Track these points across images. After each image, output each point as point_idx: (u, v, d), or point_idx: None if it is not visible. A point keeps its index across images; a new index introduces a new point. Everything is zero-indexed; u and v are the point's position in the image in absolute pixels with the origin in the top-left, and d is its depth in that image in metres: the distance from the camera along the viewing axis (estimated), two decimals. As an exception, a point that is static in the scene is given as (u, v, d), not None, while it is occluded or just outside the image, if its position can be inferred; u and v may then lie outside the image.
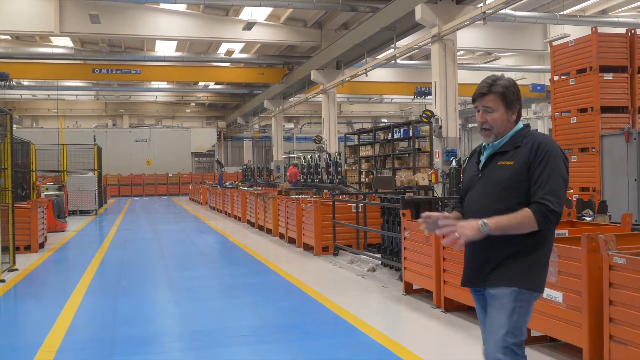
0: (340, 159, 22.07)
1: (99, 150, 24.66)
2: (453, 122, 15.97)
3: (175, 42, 27.94)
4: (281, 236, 13.30)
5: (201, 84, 36.37)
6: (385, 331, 5.76)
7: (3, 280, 8.84)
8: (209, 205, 25.89)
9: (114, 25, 22.63)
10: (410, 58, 28.43)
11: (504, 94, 2.96)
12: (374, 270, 8.91)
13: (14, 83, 29.58)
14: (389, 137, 18.37)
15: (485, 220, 2.82)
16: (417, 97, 30.71)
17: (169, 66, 29.47)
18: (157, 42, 27.85)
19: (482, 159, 3.08)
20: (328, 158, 22.00)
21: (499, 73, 3.17)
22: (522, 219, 2.82)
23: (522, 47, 26.39)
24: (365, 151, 20.78)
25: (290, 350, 5.30)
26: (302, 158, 25.81)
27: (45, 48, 26.77)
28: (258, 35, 24.56)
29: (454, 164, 13.63)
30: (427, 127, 16.44)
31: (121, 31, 23.04)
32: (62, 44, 27.93)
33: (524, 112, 39.67)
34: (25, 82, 32.34)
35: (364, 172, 20.29)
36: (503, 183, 2.92)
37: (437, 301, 6.50)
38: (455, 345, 5.39)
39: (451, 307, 6.34)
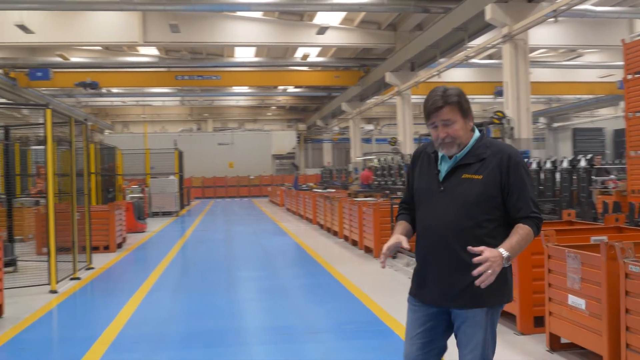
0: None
1: (180, 154, 25.68)
2: (525, 123, 15.63)
3: (253, 48, 28.68)
4: (346, 238, 13.49)
5: (280, 87, 37.09)
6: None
7: (78, 278, 9.49)
8: (285, 207, 26.42)
9: (194, 33, 23.53)
10: (489, 57, 27.95)
11: (459, 103, 2.82)
12: (427, 274, 8.93)
13: (104, 91, 31.33)
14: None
15: (505, 253, 2.67)
16: (497, 96, 30.17)
17: (248, 71, 30.32)
18: (236, 48, 28.68)
19: (442, 170, 2.92)
20: (401, 160, 21.97)
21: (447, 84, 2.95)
22: (527, 238, 2.78)
23: (606, 43, 25.34)
24: (439, 153, 20.63)
25: (320, 350, 5.49)
26: (376, 160, 25.87)
27: (132, 57, 28.19)
28: (333, 38, 24.87)
29: (534, 165, 13.36)
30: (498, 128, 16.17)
31: (200, 39, 23.93)
32: (148, 52, 29.29)
33: (612, 110, 37.88)
34: (115, 90, 34.05)
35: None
36: (472, 199, 2.80)
37: (478, 306, 6.49)
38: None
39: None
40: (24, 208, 15.34)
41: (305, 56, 27.24)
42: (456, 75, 31.00)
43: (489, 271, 2.60)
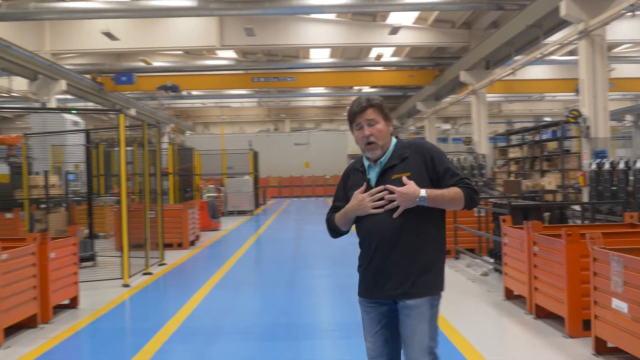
0: (485, 161, 21.65)
1: (255, 154, 26.30)
2: (603, 121, 15.12)
3: (328, 49, 28.99)
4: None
5: (355, 88, 37.25)
6: (465, 333, 5.89)
7: (150, 273, 10.02)
8: (358, 207, 26.52)
9: (269, 36, 24.07)
10: (570, 53, 27.09)
11: (381, 106, 3.12)
12: (487, 275, 8.90)
13: (184, 93, 32.47)
14: (537, 138, 17.82)
15: (423, 192, 2.95)
16: (578, 94, 29.16)
17: (322, 72, 30.64)
18: (311, 49, 29.06)
19: (372, 177, 3.14)
20: (474, 160, 21.68)
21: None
22: (454, 194, 3.00)
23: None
24: (514, 153, 20.27)
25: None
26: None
27: (210, 60, 29.07)
28: (406, 38, 24.81)
29: (593, 166, 12.99)
30: (577, 127, 15.74)
31: (275, 42, 24.45)
32: (226, 55, 30.12)
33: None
34: (195, 92, 35.18)
35: (513, 175, 19.79)
36: None
37: (530, 307, 6.47)
38: (521, 347, 5.42)
39: (542, 314, 6.28)
40: (106, 206, 16.24)
41: (379, 56, 27.28)
42: (534, 73, 30.25)
43: (400, 200, 2.95)
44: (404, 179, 2.99)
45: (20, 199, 12.33)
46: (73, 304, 7.50)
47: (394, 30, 22.69)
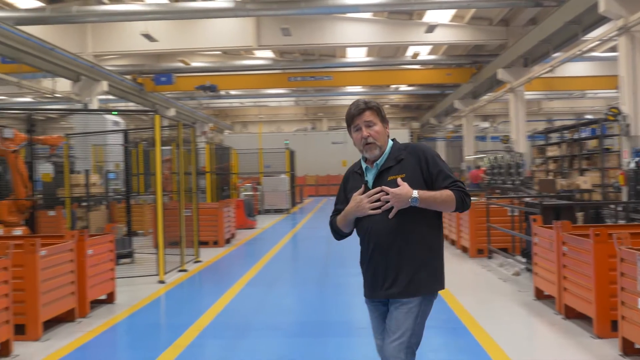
0: (523, 159, 21.38)
1: (292, 153, 26.48)
2: (644, 119, 14.83)
3: (365, 48, 29.00)
4: (445, 237, 13.48)
5: (393, 86, 37.17)
6: (492, 332, 5.90)
7: (185, 270, 10.25)
8: (394, 206, 26.49)
9: (305, 36, 24.24)
10: (611, 50, 26.55)
11: (378, 109, 3.24)
12: (519, 275, 8.85)
13: (222, 93, 32.87)
14: (576, 136, 17.55)
15: (415, 193, 3.03)
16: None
17: (359, 71, 30.67)
18: (348, 48, 29.11)
19: (369, 179, 3.24)
20: (510, 159, 21.44)
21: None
22: (446, 197, 3.07)
23: None
24: (552, 151, 19.97)
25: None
26: (485, 159, 25.34)
27: (248, 60, 29.39)
28: (443, 36, 24.67)
29: (632, 165, 12.75)
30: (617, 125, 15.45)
31: (311, 41, 24.62)
32: (264, 55, 30.40)
33: None
34: (233, 92, 35.58)
35: (551, 173, 19.51)
36: None
37: (559, 307, 6.44)
38: (547, 347, 5.40)
39: (572, 314, 6.24)
40: (145, 205, 16.60)
41: (415, 55, 27.19)
42: (574, 70, 29.75)
43: (393, 201, 3.03)
44: (399, 180, 3.07)
45: (63, 197, 12.72)
46: (110, 299, 7.73)
47: (430, 28, 22.59)
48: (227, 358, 5.55)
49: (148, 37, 22.00)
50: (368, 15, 24.46)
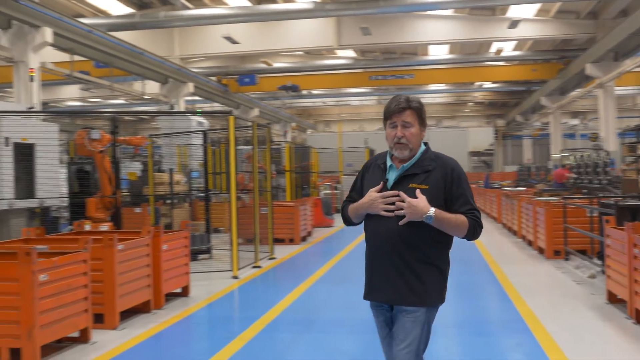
0: (611, 157, 20.50)
1: (372, 152, 26.50)
2: None
3: (447, 45, 28.62)
4: (523, 238, 13.21)
5: (476, 83, 36.48)
6: (555, 335, 5.79)
7: (259, 266, 10.55)
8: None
9: (385, 34, 24.22)
10: None
11: (419, 110, 3.13)
12: (594, 277, 8.58)
13: (304, 92, 33.32)
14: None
15: (432, 210, 2.97)
16: None
17: (441, 69, 30.33)
18: (430, 46, 28.82)
19: (390, 178, 3.15)
20: (597, 157, 20.61)
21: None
22: (460, 223, 3.03)
23: None
24: (644, 149, 19.04)
25: (443, 344, 5.73)
26: (572, 157, 24.43)
27: (329, 60, 29.65)
28: (527, 31, 24.02)
29: None
30: None
31: (392, 40, 24.57)
32: (345, 55, 30.57)
33: None
34: (315, 92, 35.98)
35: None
36: None
37: (630, 312, 6.23)
38: (610, 352, 5.26)
39: (643, 319, 6.04)
40: (226, 202, 17.12)
41: (499, 51, 26.60)
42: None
43: (407, 211, 2.96)
44: (418, 191, 3.01)
45: (147, 195, 13.36)
46: (184, 292, 8.10)
47: (514, 23, 22.04)
48: (288, 351, 5.73)
49: (230, 39, 22.62)
50: (449, 12, 24.14)
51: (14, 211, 10.25)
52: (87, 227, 9.20)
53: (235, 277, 9.43)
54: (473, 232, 3.08)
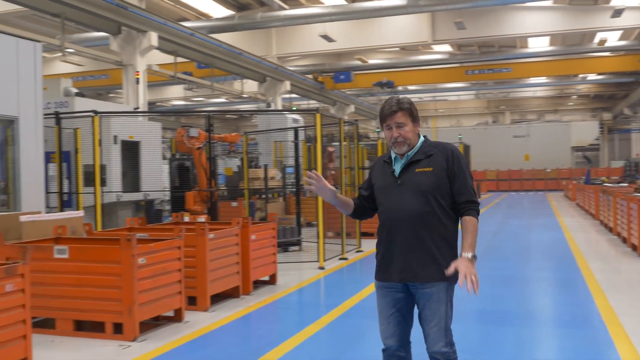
0: None
1: (466, 147, 26.28)
2: None
3: (547, 37, 27.83)
4: (618, 235, 12.84)
5: (580, 75, 35.15)
6: (632, 334, 5.77)
7: (346, 258, 10.95)
8: (576, 202, 25.25)
9: (480, 28, 23.93)
10: None
11: (410, 110, 3.41)
12: (685, 276, 8.34)
13: (400, 88, 33.37)
14: None
15: (468, 254, 3.25)
16: None
17: (541, 61, 29.52)
18: (529, 38, 28.12)
19: (397, 168, 3.44)
20: None
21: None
22: (474, 228, 3.34)
23: None
24: None
25: (517, 333, 5.88)
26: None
27: (424, 56, 29.60)
28: (632, 20, 22.95)
29: None
30: None
31: (488, 33, 24.24)
32: (441, 49, 30.38)
33: None
34: (411, 87, 35.95)
35: None
36: (427, 187, 3.34)
37: None
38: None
39: None
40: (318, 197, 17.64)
41: (602, 41, 25.57)
42: None
43: (472, 277, 3.18)
44: (452, 268, 3.27)
45: (243, 189, 14.08)
46: (272, 280, 8.62)
47: (617, 12, 21.20)
48: (360, 336, 6.06)
49: (326, 37, 23.15)
50: (549, 2, 23.52)
51: (121, 203, 11.20)
52: (186, 218, 9.92)
53: (322, 268, 9.86)
54: (477, 214, 3.41)
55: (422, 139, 3.53)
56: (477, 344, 5.66)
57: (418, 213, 3.35)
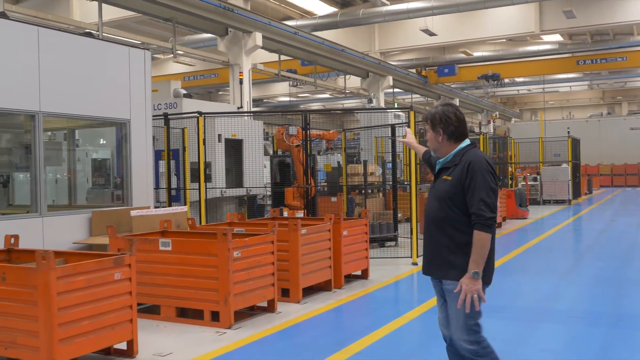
0: None
1: (575, 141, 25.29)
2: None
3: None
4: None
5: None
6: None
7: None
8: (698, 199, 23.71)
9: (593, 16, 22.89)
10: None
11: (430, 121, 3.74)
12: None
13: (506, 81, 32.52)
14: None
15: (470, 271, 3.43)
16: None
17: (659, 50, 27.82)
18: (646, 26, 26.60)
19: (437, 167, 3.80)
20: None
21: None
22: (480, 242, 3.44)
23: None
24: None
25: (607, 336, 5.82)
26: None
27: (531, 46, 28.65)
28: None
29: None
30: None
31: (599, 21, 23.15)
32: (551, 39, 29.32)
33: None
34: (519, 79, 34.92)
35: None
36: (443, 194, 3.60)
37: None
38: None
39: None
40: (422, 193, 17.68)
41: None
42: None
43: (467, 295, 3.40)
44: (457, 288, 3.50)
45: (342, 185, 14.42)
46: (364, 275, 8.88)
47: None
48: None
49: (427, 32, 23.03)
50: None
51: (225, 198, 11.85)
52: (285, 213, 10.38)
53: (415, 264, 10.00)
54: (486, 228, 3.44)
55: (460, 147, 3.70)
56: (561, 344, 5.68)
57: (435, 217, 3.67)
